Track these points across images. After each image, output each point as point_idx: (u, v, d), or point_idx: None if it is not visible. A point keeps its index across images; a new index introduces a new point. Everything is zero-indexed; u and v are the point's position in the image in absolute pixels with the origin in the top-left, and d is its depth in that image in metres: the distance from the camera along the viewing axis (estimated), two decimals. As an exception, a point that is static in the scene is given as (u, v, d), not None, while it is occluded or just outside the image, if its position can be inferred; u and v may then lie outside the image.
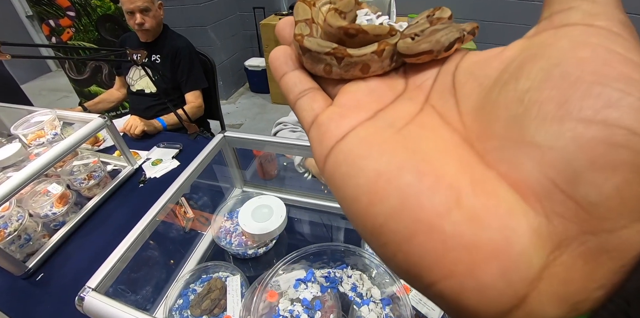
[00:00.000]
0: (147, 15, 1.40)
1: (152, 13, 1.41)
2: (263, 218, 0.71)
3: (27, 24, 4.11)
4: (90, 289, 0.51)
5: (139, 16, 1.38)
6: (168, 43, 1.50)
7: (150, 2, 1.39)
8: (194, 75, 1.52)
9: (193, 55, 1.52)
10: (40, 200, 0.92)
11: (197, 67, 1.53)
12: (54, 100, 3.64)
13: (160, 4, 1.48)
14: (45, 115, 1.04)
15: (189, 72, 1.51)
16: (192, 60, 1.51)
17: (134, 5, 1.35)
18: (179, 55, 1.49)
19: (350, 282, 0.52)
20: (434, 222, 0.10)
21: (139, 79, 1.57)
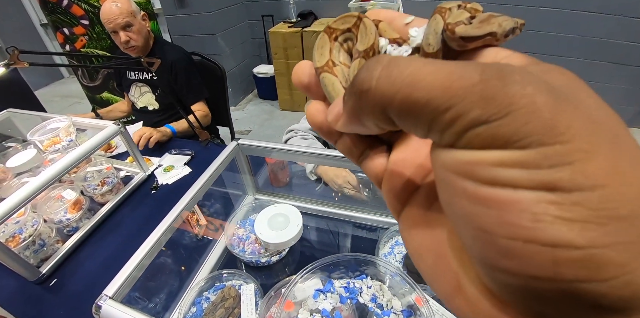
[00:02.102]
0: (131, 31, 1.33)
1: (136, 28, 1.34)
2: (279, 227, 0.71)
3: (42, 32, 4.21)
4: (108, 297, 0.51)
5: (123, 34, 1.31)
6: (162, 57, 1.42)
7: (130, 17, 1.32)
8: (194, 87, 1.48)
9: (189, 66, 1.47)
10: (54, 205, 0.93)
11: (196, 78, 1.49)
12: (66, 106, 3.70)
13: (144, 15, 1.40)
14: (61, 121, 1.05)
15: (188, 84, 1.46)
16: (189, 71, 1.46)
17: (113, 24, 1.29)
18: (174, 69, 1.43)
19: (370, 293, 0.51)
20: None
21: (140, 96, 1.55)
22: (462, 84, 0.10)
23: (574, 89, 0.11)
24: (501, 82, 0.10)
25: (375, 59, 0.12)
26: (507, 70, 0.10)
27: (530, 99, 0.10)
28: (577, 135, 0.09)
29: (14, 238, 0.81)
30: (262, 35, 3.19)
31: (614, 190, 0.09)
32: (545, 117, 0.09)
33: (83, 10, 2.10)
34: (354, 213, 0.88)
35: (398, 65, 0.11)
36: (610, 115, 0.11)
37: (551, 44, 2.38)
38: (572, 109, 0.10)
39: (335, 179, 0.97)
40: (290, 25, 2.73)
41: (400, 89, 0.11)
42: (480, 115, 0.10)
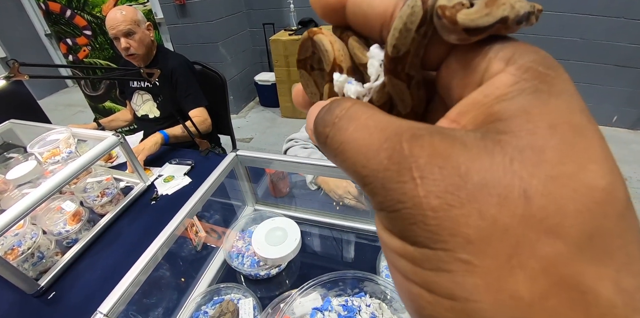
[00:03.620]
0: (132, 39, 1.34)
1: (138, 36, 1.34)
2: (277, 241, 0.70)
3: (46, 42, 4.27)
4: (102, 314, 0.50)
5: (124, 40, 1.32)
6: (163, 66, 1.43)
7: (134, 25, 1.32)
8: (193, 93, 1.48)
9: (189, 73, 1.47)
10: (54, 217, 0.93)
11: (195, 85, 1.49)
12: (69, 115, 3.73)
13: (148, 25, 1.41)
14: (61, 133, 1.06)
15: (187, 90, 1.46)
16: (189, 78, 1.47)
17: (116, 30, 1.30)
18: (174, 75, 1.44)
19: (369, 311, 0.50)
20: None
21: (142, 103, 1.56)
22: (373, 167, 0.11)
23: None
24: (399, 175, 0.10)
25: (331, 110, 0.13)
26: (412, 157, 0.10)
27: (418, 201, 0.10)
28: (461, 245, 0.09)
29: (13, 251, 0.81)
30: (263, 43, 3.21)
31: (483, 308, 0.09)
32: (429, 223, 0.09)
33: (86, 21, 2.12)
34: (354, 223, 0.87)
35: (339, 129, 0.12)
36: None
37: (552, 48, 2.38)
38: (468, 213, 0.09)
39: (335, 189, 0.96)
40: (291, 33, 2.74)
41: (338, 154, 0.12)
42: (380, 203, 0.11)
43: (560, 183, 0.09)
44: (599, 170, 0.09)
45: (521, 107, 0.10)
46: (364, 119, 0.12)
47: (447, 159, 0.10)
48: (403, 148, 0.10)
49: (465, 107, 0.11)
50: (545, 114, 0.10)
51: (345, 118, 0.12)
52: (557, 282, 0.08)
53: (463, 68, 0.12)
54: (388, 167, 0.10)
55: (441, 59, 0.13)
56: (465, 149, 0.10)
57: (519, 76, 0.10)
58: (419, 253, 0.10)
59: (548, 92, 0.10)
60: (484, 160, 0.09)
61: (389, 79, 0.13)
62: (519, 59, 0.11)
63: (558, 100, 0.10)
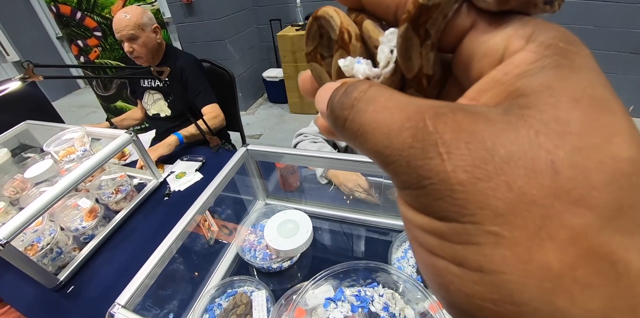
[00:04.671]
0: (136, 43, 1.35)
1: (142, 40, 1.36)
2: (289, 234, 0.71)
3: (58, 45, 4.35)
4: (120, 306, 0.51)
5: (127, 45, 1.35)
6: (172, 65, 1.41)
7: (137, 29, 1.33)
8: (203, 90, 1.49)
9: (198, 71, 1.49)
10: (70, 214, 0.95)
11: (205, 83, 1.50)
12: (82, 116, 3.80)
13: (155, 28, 1.40)
14: (75, 132, 1.08)
15: (198, 87, 1.48)
16: (198, 76, 1.48)
17: (119, 34, 1.33)
18: (184, 74, 1.45)
19: (382, 301, 0.50)
20: None
21: (153, 103, 1.58)
22: (397, 146, 0.11)
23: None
24: (424, 152, 0.10)
25: (348, 93, 0.13)
26: (437, 133, 0.10)
27: (445, 176, 0.10)
28: (489, 218, 0.09)
29: (33, 246, 0.83)
30: (270, 39, 3.21)
31: (512, 279, 0.09)
32: (458, 197, 0.09)
33: (96, 23, 2.15)
34: (365, 216, 0.87)
35: (358, 111, 0.12)
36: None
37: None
38: (496, 185, 0.09)
39: (345, 183, 0.96)
40: (298, 28, 2.74)
41: (358, 137, 0.12)
42: (405, 181, 0.11)
43: (587, 155, 0.09)
44: (625, 142, 0.09)
45: (543, 83, 0.10)
46: (383, 100, 0.12)
47: (473, 134, 0.10)
48: (427, 125, 0.10)
49: (484, 85, 0.11)
50: (567, 88, 0.10)
51: (364, 100, 0.12)
52: (586, 253, 0.08)
53: (482, 47, 0.12)
54: (412, 144, 0.10)
55: (458, 40, 0.13)
56: (490, 123, 0.10)
57: (540, 53, 0.10)
58: (447, 228, 0.10)
59: (569, 67, 0.10)
60: (509, 133, 0.09)
61: (405, 29, 0.12)
62: (539, 36, 0.11)
63: (580, 75, 0.10)
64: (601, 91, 0.10)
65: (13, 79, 0.95)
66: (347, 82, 0.14)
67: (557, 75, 0.10)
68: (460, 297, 0.10)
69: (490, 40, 0.12)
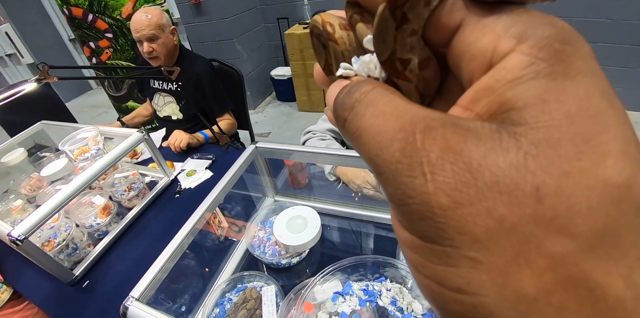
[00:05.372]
0: (155, 44, 1.34)
1: (162, 40, 1.34)
2: (298, 229, 0.71)
3: (70, 47, 4.44)
4: (134, 299, 0.52)
5: (146, 45, 1.33)
6: (187, 69, 1.42)
7: (157, 29, 1.32)
8: (220, 100, 1.50)
9: (214, 79, 1.47)
10: (85, 211, 0.97)
11: (221, 90, 1.50)
12: (94, 116, 3.87)
13: (173, 29, 1.40)
14: (89, 131, 1.10)
15: (215, 96, 1.47)
16: (215, 84, 1.47)
17: (139, 34, 1.30)
18: (201, 82, 1.43)
19: (390, 296, 0.50)
20: None
21: (164, 105, 1.57)
22: (386, 157, 0.11)
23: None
24: (409, 169, 0.10)
25: (351, 93, 0.13)
26: (424, 150, 0.10)
27: (427, 198, 0.10)
28: (468, 243, 0.09)
29: (49, 242, 0.86)
30: (278, 38, 3.22)
31: (488, 301, 0.09)
32: (438, 221, 0.09)
33: (107, 24, 2.19)
34: (374, 213, 0.87)
35: (357, 113, 0.12)
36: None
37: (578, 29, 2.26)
38: (477, 211, 0.09)
39: (354, 180, 0.96)
40: (305, 26, 2.74)
41: (354, 139, 0.12)
42: (391, 195, 0.11)
43: (575, 181, 0.09)
44: (617, 165, 0.09)
45: (536, 94, 0.09)
46: (381, 104, 0.12)
47: (459, 153, 0.09)
48: (416, 140, 0.10)
49: (477, 93, 0.11)
50: (561, 102, 0.09)
51: (364, 102, 0.12)
52: (564, 279, 0.08)
53: (470, 48, 0.11)
54: (400, 159, 0.10)
55: (448, 37, 0.12)
56: (479, 142, 0.10)
57: (533, 56, 0.10)
58: (427, 248, 0.10)
59: (564, 74, 0.09)
60: (497, 155, 0.09)
61: (382, 9, 0.12)
62: (531, 35, 0.10)
63: (576, 83, 0.09)
64: (597, 102, 0.09)
65: (29, 80, 0.97)
66: (355, 80, 0.14)
67: (551, 84, 0.09)
68: (443, 312, 0.10)
69: (479, 40, 0.11)
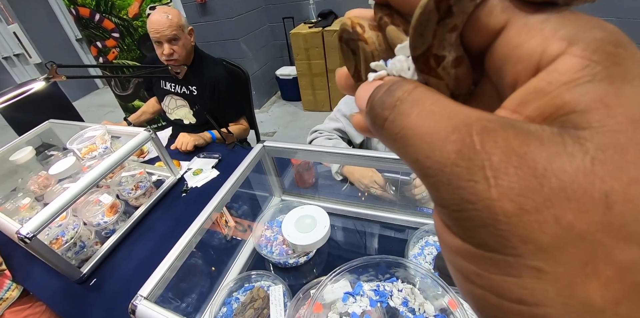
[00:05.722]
0: (177, 45, 1.27)
1: (182, 42, 1.28)
2: (306, 229, 0.71)
3: (77, 47, 4.48)
4: (143, 297, 0.52)
5: (167, 46, 1.26)
6: (205, 73, 1.39)
7: (179, 30, 1.26)
8: (235, 105, 1.47)
9: (231, 85, 1.43)
10: (92, 209, 0.98)
11: (237, 96, 1.48)
12: (101, 115, 3.90)
13: (191, 30, 1.36)
14: (97, 130, 1.11)
15: (231, 103, 1.44)
16: (232, 90, 1.43)
17: (160, 34, 1.23)
18: (217, 88, 1.39)
19: (401, 296, 0.50)
20: None
21: (176, 108, 1.54)
22: (439, 159, 0.10)
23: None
24: (469, 173, 0.09)
25: (392, 92, 0.12)
26: (485, 154, 0.09)
27: (490, 204, 0.09)
28: (532, 252, 0.09)
29: (57, 240, 0.86)
30: (283, 37, 3.22)
31: (553, 312, 0.09)
32: (500, 228, 0.09)
33: (114, 24, 2.20)
34: (381, 213, 0.87)
35: (401, 112, 0.11)
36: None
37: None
38: (544, 219, 0.09)
39: (361, 179, 0.96)
40: (310, 25, 2.74)
41: (397, 140, 0.11)
42: (444, 200, 0.10)
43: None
44: None
45: (597, 97, 0.09)
46: (428, 104, 0.11)
47: (523, 157, 0.09)
48: (474, 142, 0.10)
49: (526, 96, 0.10)
50: (624, 106, 0.09)
51: (408, 101, 0.12)
52: (631, 289, 0.08)
53: (516, 51, 0.11)
54: (456, 162, 0.10)
55: (490, 40, 0.12)
56: (543, 146, 0.09)
57: (587, 58, 0.09)
58: (485, 257, 0.10)
59: (622, 78, 0.09)
60: (563, 159, 0.09)
61: (427, 0, 0.11)
62: (583, 38, 0.10)
63: (634, 88, 0.09)
64: None
65: (37, 79, 0.98)
66: (390, 80, 0.13)
67: (611, 88, 0.09)
68: None
69: (526, 43, 0.10)
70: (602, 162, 0.09)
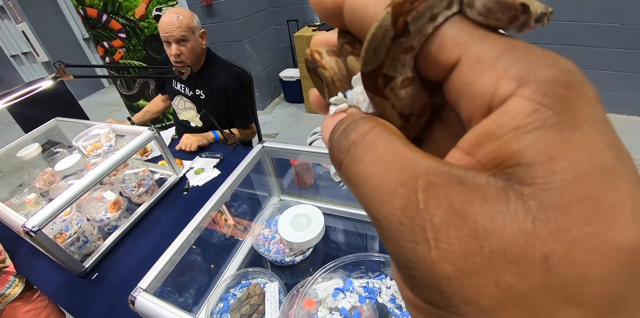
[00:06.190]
0: (185, 46, 1.27)
1: (191, 44, 1.27)
2: (302, 227, 0.73)
3: (84, 46, 4.53)
4: (142, 289, 0.54)
5: (175, 47, 1.25)
6: (213, 78, 1.38)
7: (188, 31, 1.25)
8: (244, 113, 1.48)
9: (240, 92, 1.43)
10: (96, 205, 1.00)
11: (246, 104, 1.48)
12: (106, 114, 3.94)
13: (203, 33, 1.34)
14: (102, 128, 1.13)
15: (240, 108, 1.45)
16: (241, 97, 1.43)
17: (169, 34, 1.24)
18: (225, 94, 1.38)
19: (390, 293, 0.51)
20: None
21: (184, 109, 1.55)
22: (386, 214, 0.10)
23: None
24: (411, 233, 0.10)
25: (347, 134, 0.12)
26: (427, 214, 0.09)
27: (431, 266, 0.09)
28: (474, 313, 0.09)
29: (61, 235, 0.89)
30: (287, 39, 3.25)
31: None
32: (442, 289, 0.09)
33: (121, 25, 2.24)
34: (377, 214, 0.88)
35: (354, 158, 0.12)
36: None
37: (590, 35, 2.26)
38: (484, 281, 0.09)
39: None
40: (314, 28, 2.76)
41: (352, 186, 0.12)
42: (392, 254, 0.10)
43: (585, 248, 0.08)
44: (628, 229, 0.08)
45: (543, 149, 0.09)
46: (381, 149, 0.11)
47: (465, 218, 0.09)
48: (418, 200, 0.10)
49: (479, 138, 0.10)
50: (571, 159, 0.09)
51: (362, 146, 0.11)
52: None
53: (469, 88, 0.10)
54: (401, 220, 0.10)
55: (445, 74, 0.11)
56: (486, 204, 0.09)
57: (537, 102, 0.09)
58: (432, 312, 0.10)
59: (572, 124, 0.09)
60: (504, 219, 0.09)
61: (384, 14, 0.11)
62: (534, 78, 0.09)
63: (584, 135, 0.09)
64: (606, 158, 0.09)
65: (46, 78, 1.01)
66: (351, 115, 0.13)
67: (558, 137, 0.09)
68: None
69: (477, 81, 0.10)
70: (543, 222, 0.08)
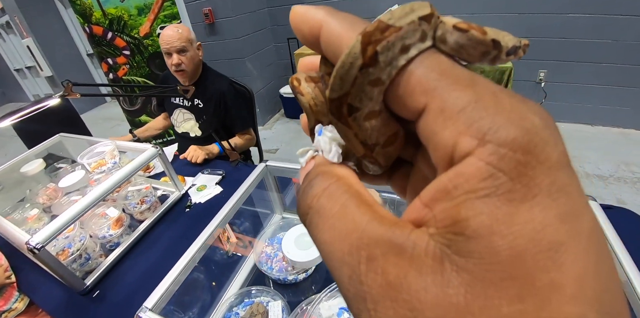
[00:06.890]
0: (184, 56, 1.39)
1: (190, 54, 1.40)
2: (306, 246, 0.74)
3: (88, 62, 4.61)
4: (147, 309, 0.55)
5: (176, 57, 1.37)
6: (210, 86, 1.48)
7: (187, 43, 1.38)
8: (242, 117, 1.55)
9: (237, 98, 1.52)
10: (99, 222, 1.01)
11: (244, 108, 1.56)
12: (108, 128, 3.97)
13: (199, 45, 1.47)
14: (107, 145, 1.15)
15: (239, 114, 1.52)
16: (238, 102, 1.52)
17: (170, 46, 1.35)
18: (223, 100, 1.48)
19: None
20: None
21: (183, 121, 1.61)
22: (338, 278, 0.11)
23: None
24: (356, 302, 0.11)
25: (311, 189, 0.13)
26: (366, 286, 0.10)
27: None
28: None
29: (64, 251, 0.89)
30: (287, 57, 3.32)
31: None
32: None
33: (125, 42, 2.30)
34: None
35: (311, 222, 0.13)
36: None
37: (582, 51, 2.35)
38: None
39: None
40: (314, 47, 2.83)
41: (314, 243, 0.13)
42: (350, 311, 0.11)
43: None
44: (562, 308, 0.08)
45: (487, 222, 0.09)
46: (332, 214, 0.12)
47: (399, 290, 0.10)
48: (360, 271, 0.10)
49: (436, 193, 0.10)
50: (512, 234, 0.09)
51: (315, 211, 0.12)
52: None
53: (433, 138, 0.11)
54: (348, 287, 0.11)
55: (411, 119, 0.12)
56: (420, 276, 0.10)
57: (493, 165, 0.09)
58: None
59: (523, 193, 0.09)
60: (438, 291, 0.09)
61: (354, 43, 0.11)
62: (495, 137, 0.09)
63: (532, 209, 0.09)
64: (554, 233, 0.09)
65: (53, 96, 1.03)
66: (315, 168, 0.14)
67: (506, 209, 0.09)
68: None
69: (440, 132, 0.10)
70: (475, 296, 0.09)
